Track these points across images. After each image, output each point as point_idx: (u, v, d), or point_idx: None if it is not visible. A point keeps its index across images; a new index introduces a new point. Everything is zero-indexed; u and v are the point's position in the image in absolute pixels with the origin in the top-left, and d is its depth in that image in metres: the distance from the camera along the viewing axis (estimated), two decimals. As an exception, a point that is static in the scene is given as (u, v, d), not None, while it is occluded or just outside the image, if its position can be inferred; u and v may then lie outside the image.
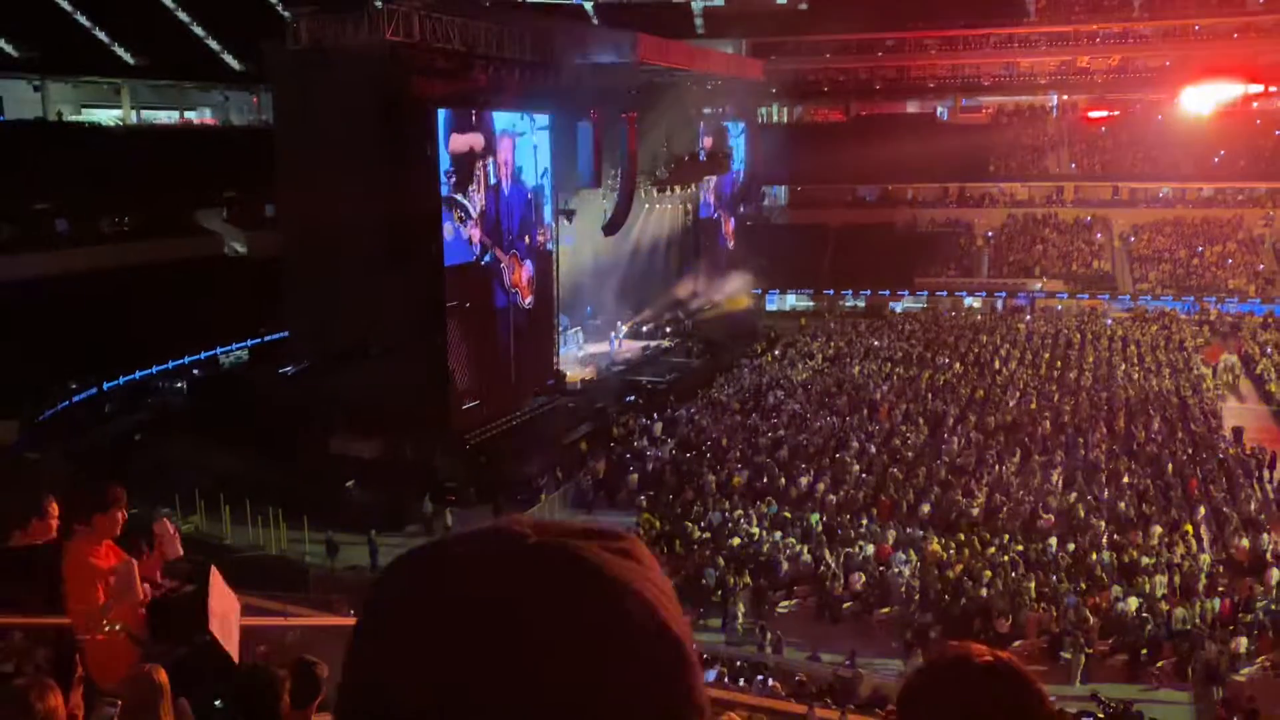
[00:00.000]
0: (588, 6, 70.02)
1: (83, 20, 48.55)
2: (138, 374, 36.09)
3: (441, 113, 30.19)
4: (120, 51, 49.29)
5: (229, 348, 40.06)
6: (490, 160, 32.53)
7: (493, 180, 32.76)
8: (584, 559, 0.95)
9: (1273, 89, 64.75)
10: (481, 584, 0.93)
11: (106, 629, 4.89)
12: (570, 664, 0.90)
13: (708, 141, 48.20)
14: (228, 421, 29.85)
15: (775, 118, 71.96)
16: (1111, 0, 67.31)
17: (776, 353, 46.27)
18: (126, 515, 5.28)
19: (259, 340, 39.91)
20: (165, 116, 54.03)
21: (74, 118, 48.93)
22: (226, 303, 38.30)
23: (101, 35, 48.86)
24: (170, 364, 37.47)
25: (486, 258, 32.83)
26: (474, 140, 31.72)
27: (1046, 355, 43.90)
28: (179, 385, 37.04)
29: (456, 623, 0.91)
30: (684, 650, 0.94)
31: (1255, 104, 64.84)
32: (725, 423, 34.55)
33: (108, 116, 50.49)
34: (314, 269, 30.68)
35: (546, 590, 0.92)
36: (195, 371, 38.23)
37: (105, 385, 34.99)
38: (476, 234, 32.20)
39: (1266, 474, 29.83)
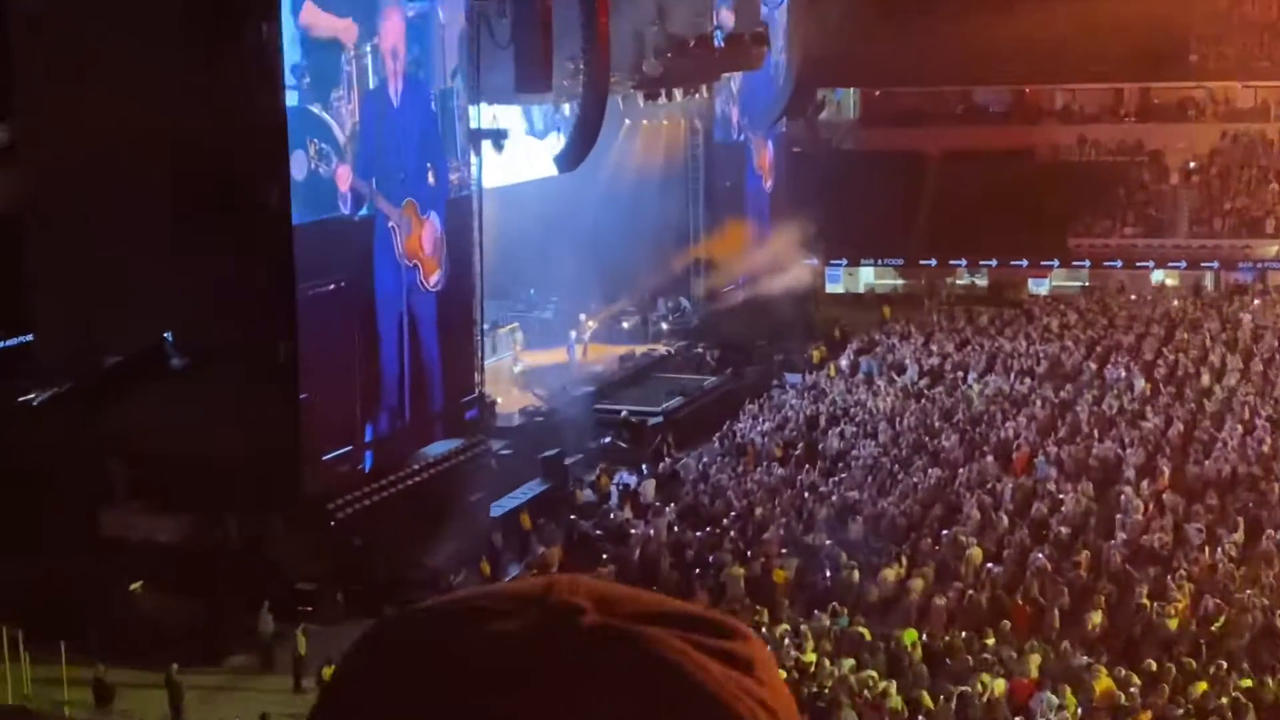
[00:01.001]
0: None
1: None
2: None
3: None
4: None
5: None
6: (368, 50, 32.38)
7: (373, 83, 32.63)
8: (665, 660, 0.99)
9: None
10: (502, 683, 0.99)
11: None
12: None
13: (727, 16, 48.16)
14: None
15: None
16: None
17: (844, 363, 46.33)
18: None
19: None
20: None
21: None
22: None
23: None
24: None
25: (363, 210, 32.78)
26: (339, 17, 31.65)
27: (1288, 364, 43.91)
28: None
29: None
30: None
31: None
32: (760, 479, 34.55)
33: None
34: (77, 230, 30.87)
35: (601, 703, 0.97)
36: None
37: None
38: (346, 173, 32.10)
39: None
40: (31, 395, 31.31)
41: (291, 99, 30.70)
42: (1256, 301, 54.39)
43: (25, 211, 32.88)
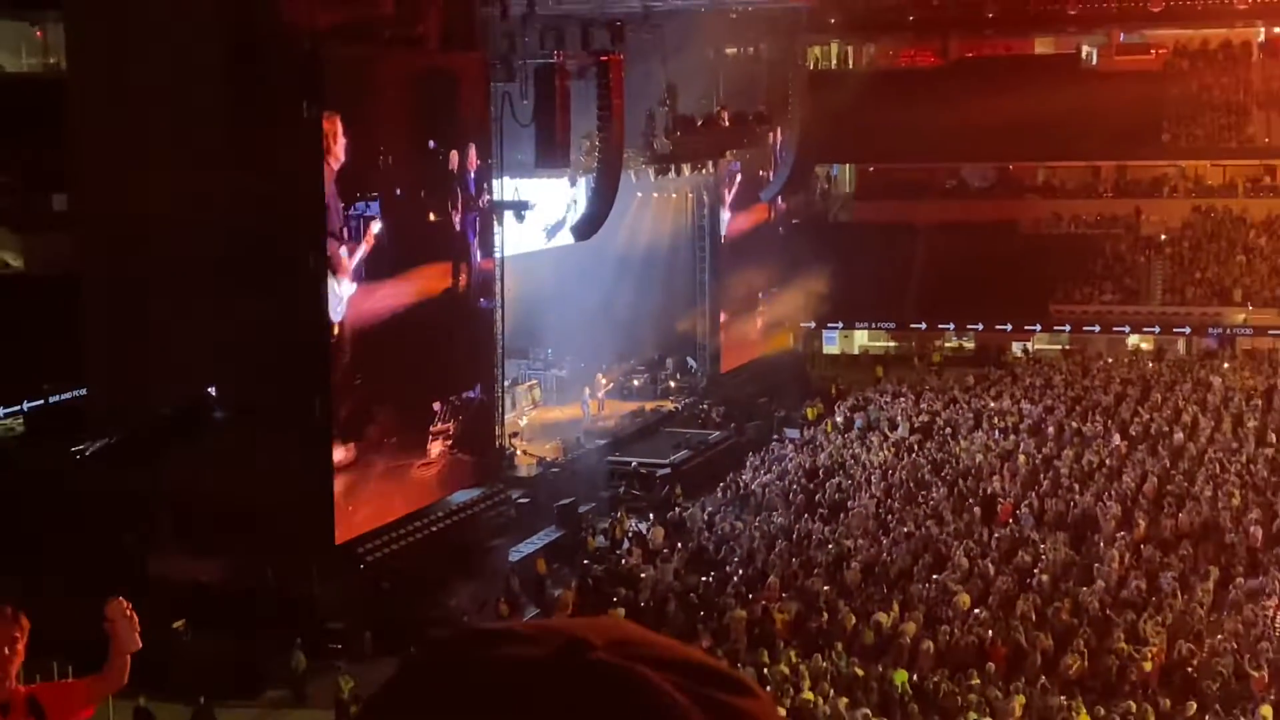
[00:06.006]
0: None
1: None
2: None
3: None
4: None
5: (-6, 413, 40.21)
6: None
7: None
8: (645, 699, 1.00)
9: None
10: (503, 699, 1.01)
11: None
12: None
13: (732, 98, 48.49)
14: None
15: (835, 62, 72.70)
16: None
17: (839, 419, 46.49)
18: None
19: (40, 401, 39.83)
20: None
21: None
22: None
23: None
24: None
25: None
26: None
27: (1254, 423, 43.93)
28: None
29: None
30: None
31: None
32: (762, 528, 34.58)
33: None
34: (126, 291, 31.02)
35: None
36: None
37: None
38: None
39: None
40: (83, 446, 31.45)
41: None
42: (1225, 365, 54.41)
43: (79, 273, 33.10)
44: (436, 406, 34.43)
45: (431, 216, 34.01)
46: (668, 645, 1.10)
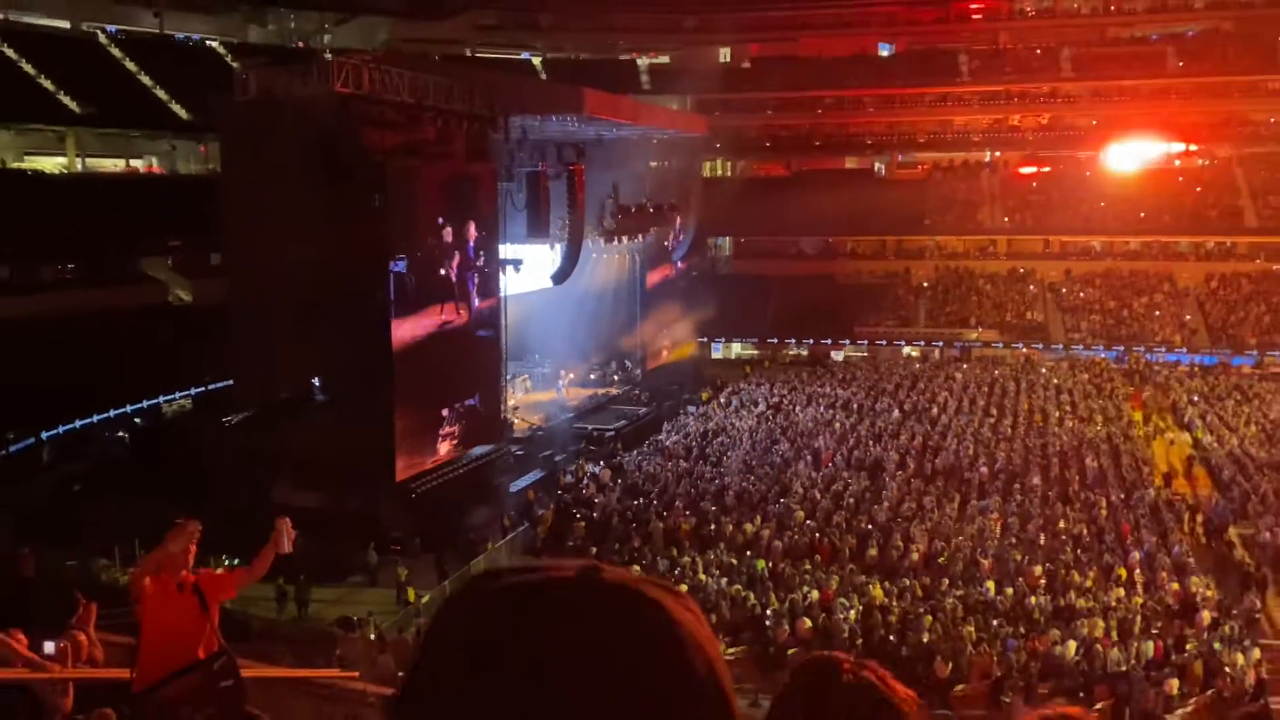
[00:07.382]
0: (536, 63, 70.62)
1: (28, 68, 47.99)
2: (78, 423, 35.23)
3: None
4: (66, 100, 48.66)
5: (172, 396, 39.34)
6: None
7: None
8: (649, 597, 0.98)
9: (1193, 147, 66.94)
10: (551, 599, 0.97)
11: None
12: (638, 710, 0.94)
13: (654, 194, 48.72)
14: (170, 471, 29.45)
15: (720, 171, 73.22)
16: (1041, 61, 69.37)
17: (722, 400, 46.46)
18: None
19: (202, 389, 39.30)
20: (111, 164, 53.35)
21: (17, 165, 48.13)
22: (171, 351, 37.90)
23: (46, 83, 48.25)
24: (112, 413, 36.60)
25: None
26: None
27: (982, 403, 44.40)
28: (121, 435, 36.31)
29: (530, 661, 0.94)
30: (731, 707, 1.01)
31: (1177, 162, 66.95)
32: (672, 469, 34.54)
33: (52, 164, 49.68)
34: (258, 317, 30.46)
35: (611, 623, 0.95)
36: (137, 421, 37.51)
37: (44, 434, 34.05)
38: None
39: (1196, 518, 30.11)
40: (230, 418, 31.07)
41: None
42: (965, 366, 54.94)
43: (230, 306, 32.53)
44: (445, 412, 32.78)
45: (441, 271, 32.69)
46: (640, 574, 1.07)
